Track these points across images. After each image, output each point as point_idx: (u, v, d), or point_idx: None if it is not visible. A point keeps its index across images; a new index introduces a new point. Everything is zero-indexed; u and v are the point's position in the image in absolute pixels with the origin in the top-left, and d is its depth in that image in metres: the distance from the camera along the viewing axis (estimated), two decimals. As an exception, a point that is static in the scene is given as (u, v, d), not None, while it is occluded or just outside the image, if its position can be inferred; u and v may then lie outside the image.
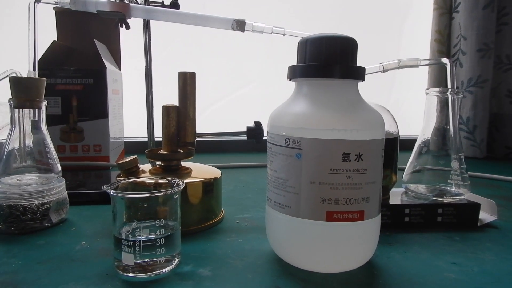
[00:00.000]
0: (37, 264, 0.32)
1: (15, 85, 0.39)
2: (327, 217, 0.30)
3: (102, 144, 0.69)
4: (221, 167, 0.49)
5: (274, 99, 0.34)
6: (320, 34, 0.31)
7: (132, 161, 0.41)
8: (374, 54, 1.05)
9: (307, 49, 0.32)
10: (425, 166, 0.47)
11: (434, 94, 0.47)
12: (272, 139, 0.32)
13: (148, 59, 0.57)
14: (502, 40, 0.96)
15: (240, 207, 0.50)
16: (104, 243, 0.37)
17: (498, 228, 0.43)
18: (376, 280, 0.31)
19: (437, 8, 1.00)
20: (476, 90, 0.95)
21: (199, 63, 1.02)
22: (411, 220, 0.42)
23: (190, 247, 0.36)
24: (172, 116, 0.43)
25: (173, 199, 0.32)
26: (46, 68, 0.64)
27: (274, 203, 0.32)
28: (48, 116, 0.43)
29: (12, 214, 0.38)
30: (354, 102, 0.31)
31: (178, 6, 0.55)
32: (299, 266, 0.32)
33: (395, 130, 0.43)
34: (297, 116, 0.31)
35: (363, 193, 0.30)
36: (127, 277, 0.30)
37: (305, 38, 0.32)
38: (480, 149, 0.96)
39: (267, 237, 0.35)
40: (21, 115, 0.40)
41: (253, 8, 1.02)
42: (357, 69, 0.31)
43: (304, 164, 0.30)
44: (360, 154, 0.29)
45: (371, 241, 0.32)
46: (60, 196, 0.42)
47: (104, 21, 0.76)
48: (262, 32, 0.49)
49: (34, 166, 0.42)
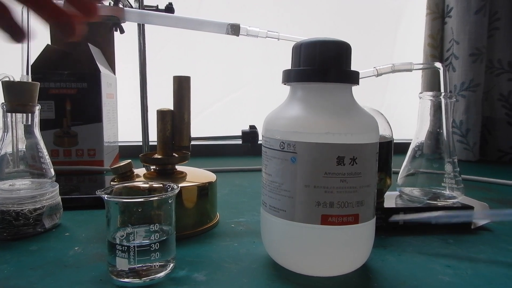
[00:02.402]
0: (30, 270, 0.32)
1: (8, 89, 0.39)
2: (322, 220, 0.30)
3: (96, 149, 0.68)
4: (216, 171, 0.49)
5: (269, 103, 0.34)
6: (314, 38, 0.32)
7: (127, 166, 0.41)
8: (368, 58, 1.05)
9: (301, 53, 0.32)
10: (419, 169, 0.47)
11: (427, 98, 0.47)
12: (267, 143, 0.32)
13: (143, 63, 0.57)
14: (494, 44, 0.97)
15: (235, 211, 0.49)
16: (98, 248, 0.36)
17: (492, 231, 0.44)
18: (371, 283, 0.31)
19: (430, 13, 1.01)
20: (468, 94, 0.96)
21: (193, 67, 1.02)
22: (406, 223, 0.43)
23: (185, 252, 0.36)
24: (166, 120, 0.43)
25: (168, 203, 0.32)
26: (39, 72, 0.63)
27: (269, 207, 0.32)
28: (42, 121, 0.42)
29: (4, 219, 0.38)
30: (348, 106, 0.32)
31: (172, 10, 0.55)
32: (294, 270, 0.32)
33: (389, 133, 0.44)
34: (292, 120, 0.31)
35: (358, 197, 0.30)
36: (121, 282, 0.30)
37: (300, 42, 0.32)
38: (473, 152, 0.97)
39: (262, 241, 0.35)
40: (14, 120, 0.40)
41: (247, 12, 1.03)
42: (351, 73, 0.32)
43: (299, 168, 0.30)
44: (354, 158, 0.29)
45: (366, 244, 0.32)
46: (53, 201, 0.42)
47: (98, 25, 0.76)
48: (257, 36, 0.49)
49: (27, 171, 0.41)
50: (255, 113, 0.31)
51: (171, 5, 0.55)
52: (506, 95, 0.98)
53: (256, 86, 1.05)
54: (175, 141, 0.44)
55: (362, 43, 1.06)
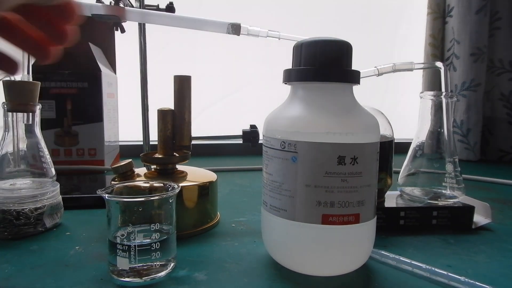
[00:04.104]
0: (31, 270, 0.32)
1: (9, 88, 0.39)
2: (322, 220, 0.30)
3: (97, 148, 0.68)
4: (216, 170, 0.49)
5: (269, 102, 0.34)
6: (315, 38, 0.32)
7: (127, 165, 0.41)
8: (369, 58, 1.05)
9: (302, 52, 0.32)
10: (419, 169, 0.47)
11: (428, 97, 0.47)
12: (267, 142, 0.32)
13: (143, 63, 0.57)
14: (495, 44, 0.97)
15: (236, 211, 0.49)
16: (99, 248, 0.36)
17: (492, 231, 0.43)
18: (371, 283, 0.31)
19: (431, 12, 1.01)
20: (469, 94, 0.96)
21: (194, 67, 1.02)
22: (406, 223, 0.43)
23: (185, 251, 0.36)
24: (167, 120, 0.43)
25: (169, 203, 0.32)
26: (40, 72, 0.63)
27: (270, 206, 0.32)
28: (42, 120, 0.42)
29: (5, 219, 0.38)
30: (349, 106, 0.32)
31: (173, 10, 0.55)
32: (295, 269, 0.32)
33: (390, 133, 0.44)
34: (293, 120, 0.31)
35: (358, 196, 0.30)
36: (122, 282, 0.30)
37: (300, 42, 0.32)
38: (473, 152, 0.97)
39: (263, 240, 0.35)
40: (15, 119, 0.40)
41: (248, 11, 1.03)
42: (352, 73, 0.32)
43: (300, 168, 0.30)
44: (355, 157, 0.29)
45: (366, 244, 0.32)
46: (54, 200, 0.42)
47: (99, 25, 0.76)
48: (258, 35, 0.49)
49: (28, 171, 0.41)
50: (256, 113, 0.31)
51: (172, 5, 0.55)
52: (507, 95, 0.98)
53: (257, 85, 1.05)
54: (175, 140, 0.44)
55: (363, 42, 1.06)
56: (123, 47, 0.79)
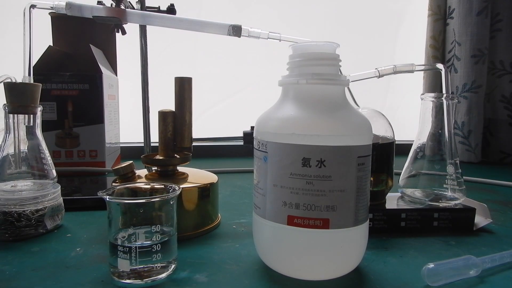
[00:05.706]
0: (32, 271, 0.32)
1: (10, 90, 0.39)
2: (288, 221, 0.30)
3: (98, 150, 0.68)
4: (217, 172, 0.49)
5: (270, 104, 0.34)
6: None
7: (128, 167, 0.41)
8: (370, 60, 1.05)
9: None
10: (420, 170, 0.47)
11: (429, 99, 0.47)
12: (254, 143, 0.33)
13: (144, 64, 0.57)
14: (495, 46, 0.97)
15: (237, 212, 0.49)
16: (100, 250, 0.36)
17: (493, 233, 0.43)
18: (372, 285, 0.31)
19: (432, 14, 1.01)
20: (470, 96, 0.96)
21: (195, 68, 1.03)
22: (407, 225, 0.42)
23: (186, 253, 0.36)
24: (168, 121, 0.43)
25: (169, 204, 0.32)
26: (41, 74, 0.63)
27: (254, 204, 0.33)
28: (43, 122, 0.43)
29: (6, 220, 0.38)
30: (330, 108, 0.30)
31: (174, 12, 0.55)
32: (271, 267, 0.32)
33: (391, 135, 0.44)
34: (266, 121, 0.32)
35: (327, 201, 0.29)
36: (123, 283, 0.30)
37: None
38: (475, 153, 0.97)
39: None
40: (16, 121, 0.40)
41: (249, 13, 1.03)
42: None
43: (269, 167, 0.30)
44: (322, 160, 0.28)
45: (342, 253, 0.30)
46: (55, 202, 0.42)
47: (100, 26, 0.76)
48: (258, 37, 0.49)
49: (29, 172, 0.41)
50: (257, 115, 0.31)
51: (173, 7, 0.55)
52: (508, 97, 0.98)
53: (258, 87, 1.05)
54: (176, 142, 0.44)
55: (364, 44, 1.06)
56: (124, 49, 0.79)
